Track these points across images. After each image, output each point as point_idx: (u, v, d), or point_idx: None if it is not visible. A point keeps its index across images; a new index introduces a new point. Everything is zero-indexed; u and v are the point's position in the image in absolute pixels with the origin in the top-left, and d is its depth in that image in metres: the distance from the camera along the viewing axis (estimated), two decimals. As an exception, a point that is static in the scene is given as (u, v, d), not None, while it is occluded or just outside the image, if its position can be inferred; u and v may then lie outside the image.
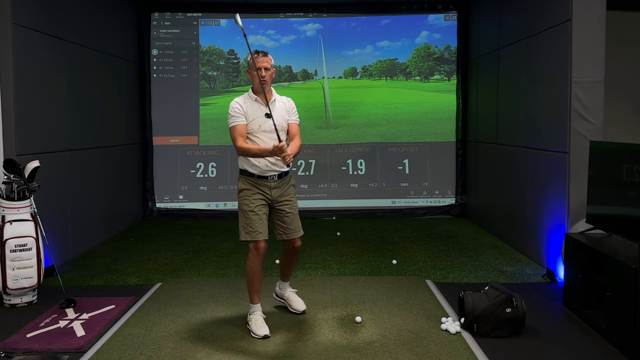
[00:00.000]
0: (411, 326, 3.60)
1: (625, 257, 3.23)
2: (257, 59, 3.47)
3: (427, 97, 7.75)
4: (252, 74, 3.51)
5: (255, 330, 3.46)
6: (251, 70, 3.52)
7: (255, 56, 3.47)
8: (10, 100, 4.43)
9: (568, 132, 4.42)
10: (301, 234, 3.68)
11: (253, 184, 3.51)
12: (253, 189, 3.50)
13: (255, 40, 7.65)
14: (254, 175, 3.51)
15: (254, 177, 3.51)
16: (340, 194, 7.66)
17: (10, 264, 3.99)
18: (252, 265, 3.50)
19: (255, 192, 3.50)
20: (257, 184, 3.51)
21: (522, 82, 5.41)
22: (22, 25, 4.58)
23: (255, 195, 3.50)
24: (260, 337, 3.41)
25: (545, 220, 4.87)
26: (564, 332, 3.54)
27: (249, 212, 3.46)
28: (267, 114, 3.49)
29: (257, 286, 3.56)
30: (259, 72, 3.44)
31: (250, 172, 3.51)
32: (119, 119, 6.73)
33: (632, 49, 5.35)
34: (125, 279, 4.76)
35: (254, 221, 3.45)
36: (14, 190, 4.10)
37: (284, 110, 3.62)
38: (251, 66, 3.50)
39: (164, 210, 7.51)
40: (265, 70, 3.47)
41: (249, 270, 3.51)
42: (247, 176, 3.53)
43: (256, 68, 3.44)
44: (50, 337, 3.47)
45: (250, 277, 3.52)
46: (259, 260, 3.49)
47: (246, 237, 3.47)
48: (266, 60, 3.48)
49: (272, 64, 3.54)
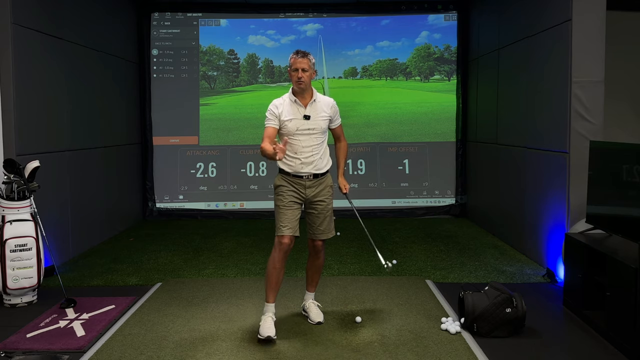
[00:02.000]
0: (411, 326, 3.60)
1: (625, 257, 3.23)
2: (294, 60, 3.44)
3: (427, 97, 7.75)
4: (291, 74, 3.49)
5: (259, 331, 3.40)
6: (290, 71, 3.50)
7: (293, 56, 3.45)
8: (10, 100, 4.43)
9: (568, 132, 4.42)
10: (328, 236, 3.64)
11: (289, 181, 3.52)
12: (288, 186, 3.51)
13: (255, 40, 7.65)
14: (289, 173, 3.52)
15: (290, 176, 3.52)
16: (341, 194, 7.63)
17: (10, 264, 3.99)
18: (272, 261, 3.45)
19: (290, 190, 3.51)
20: (293, 182, 3.52)
21: (522, 82, 5.41)
22: (22, 25, 4.58)
23: (289, 192, 3.50)
24: (263, 337, 3.35)
25: (545, 220, 4.86)
26: (564, 332, 3.54)
27: (281, 207, 3.47)
28: (305, 116, 3.48)
29: (274, 284, 3.47)
30: (296, 73, 3.42)
31: (286, 171, 3.52)
32: (119, 119, 6.73)
33: (632, 49, 5.35)
34: (125, 279, 4.76)
35: (284, 216, 3.45)
36: (14, 190, 4.10)
37: (324, 112, 3.56)
38: (289, 65, 3.50)
39: (164, 210, 7.51)
40: (302, 71, 3.42)
41: (269, 265, 3.47)
42: (283, 174, 3.54)
43: (293, 69, 3.44)
44: (50, 337, 3.47)
45: (269, 272, 3.47)
46: (279, 257, 3.43)
47: (276, 231, 3.46)
48: (304, 62, 3.42)
49: (310, 64, 3.45)
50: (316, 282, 3.81)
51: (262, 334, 3.37)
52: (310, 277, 3.79)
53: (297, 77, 3.42)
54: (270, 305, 3.50)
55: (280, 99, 3.54)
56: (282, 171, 3.55)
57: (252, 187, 7.48)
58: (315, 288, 3.83)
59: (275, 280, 3.47)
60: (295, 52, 3.48)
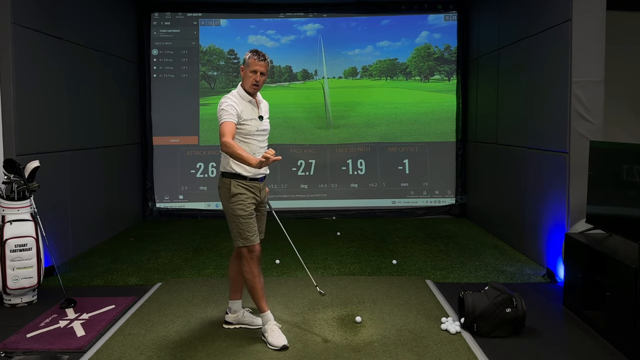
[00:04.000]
0: (411, 326, 3.60)
1: (625, 257, 3.23)
2: (254, 61, 3.31)
3: (427, 97, 7.75)
4: (247, 74, 3.33)
5: (272, 341, 3.29)
6: (246, 70, 3.33)
7: (253, 57, 3.31)
8: (10, 100, 4.43)
9: (568, 132, 4.42)
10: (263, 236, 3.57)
11: (246, 187, 3.33)
12: (247, 193, 3.33)
13: (255, 40, 7.65)
14: (247, 177, 3.33)
15: (246, 180, 3.34)
16: (341, 194, 7.66)
17: (10, 264, 3.99)
18: (250, 271, 3.34)
19: (249, 196, 3.34)
20: (250, 186, 3.34)
21: (522, 82, 5.41)
22: (22, 25, 4.58)
23: (249, 199, 3.34)
24: (278, 348, 3.25)
25: (545, 220, 4.86)
26: (564, 332, 3.54)
27: (246, 217, 3.31)
28: (260, 116, 3.41)
29: (261, 292, 3.38)
30: (255, 76, 3.31)
31: (244, 175, 3.32)
32: (119, 119, 6.73)
33: (632, 49, 5.35)
34: (125, 279, 4.76)
35: (251, 225, 3.33)
36: (14, 190, 4.10)
37: (267, 112, 3.52)
38: (248, 65, 3.32)
39: (164, 210, 7.51)
40: (260, 74, 3.31)
41: (249, 276, 3.35)
42: (239, 179, 3.32)
43: (252, 70, 3.31)
44: (50, 337, 3.47)
45: (253, 282, 3.35)
46: (255, 264, 3.37)
47: (244, 242, 3.32)
48: (263, 65, 3.31)
49: (268, 68, 3.37)
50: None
51: (276, 344, 3.28)
52: (240, 282, 3.60)
53: (255, 79, 3.30)
54: (268, 313, 3.40)
55: (235, 98, 3.32)
56: (238, 176, 3.32)
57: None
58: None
59: (261, 287, 3.40)
60: (255, 53, 3.31)
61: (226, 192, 3.34)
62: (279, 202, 7.52)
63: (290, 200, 7.62)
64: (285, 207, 7.49)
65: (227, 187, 3.33)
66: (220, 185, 3.40)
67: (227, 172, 3.35)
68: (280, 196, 7.57)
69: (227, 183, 3.34)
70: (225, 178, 3.35)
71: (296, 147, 7.67)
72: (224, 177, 3.37)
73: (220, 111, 3.27)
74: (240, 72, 3.33)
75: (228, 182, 3.34)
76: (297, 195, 7.65)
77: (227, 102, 3.28)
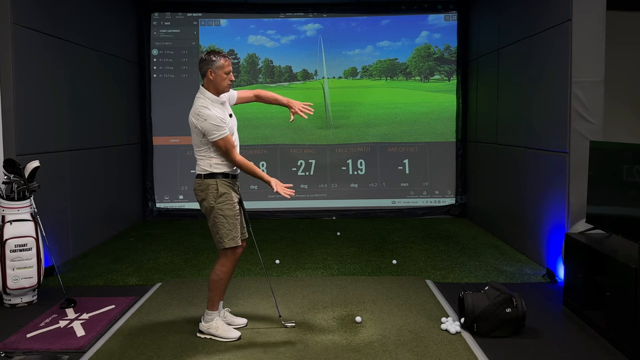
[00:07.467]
0: (411, 326, 3.60)
1: (625, 257, 3.23)
2: (227, 62, 3.30)
3: (427, 97, 7.75)
4: (222, 77, 3.28)
5: (225, 335, 3.39)
6: (219, 72, 3.27)
7: (224, 60, 3.29)
8: (10, 100, 4.43)
9: (568, 132, 4.42)
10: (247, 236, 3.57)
11: (230, 185, 3.34)
12: (231, 192, 3.33)
13: (255, 40, 7.64)
14: (229, 175, 3.33)
15: (229, 177, 3.34)
16: (340, 194, 7.66)
17: (10, 264, 3.99)
18: (228, 270, 3.37)
19: (234, 195, 3.35)
20: (232, 184, 3.36)
21: (522, 82, 5.41)
22: (22, 25, 4.58)
23: (235, 199, 3.35)
24: (235, 339, 3.38)
25: (545, 220, 4.86)
26: (564, 332, 3.54)
27: (234, 217, 3.32)
28: (230, 114, 3.42)
29: (224, 291, 3.47)
30: (230, 76, 3.32)
31: (226, 173, 3.32)
32: (119, 119, 6.73)
33: (632, 49, 5.35)
34: (125, 279, 4.76)
35: (237, 225, 3.35)
36: (14, 190, 4.10)
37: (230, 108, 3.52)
38: (220, 67, 3.27)
39: (164, 210, 7.51)
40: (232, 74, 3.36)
41: (223, 276, 3.36)
42: (224, 178, 3.31)
43: (226, 71, 3.29)
44: (50, 337, 3.47)
45: (223, 283, 3.39)
46: (234, 265, 3.42)
47: (231, 243, 3.31)
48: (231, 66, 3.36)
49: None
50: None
51: (231, 336, 3.39)
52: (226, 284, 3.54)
53: (230, 79, 3.32)
54: (216, 311, 3.45)
55: (211, 106, 3.27)
56: (222, 175, 3.31)
57: (252, 187, 7.47)
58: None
59: (226, 286, 3.46)
60: (223, 55, 3.30)
61: (213, 193, 3.29)
62: (279, 202, 7.53)
63: (290, 200, 7.61)
64: (285, 207, 7.50)
65: (213, 187, 3.29)
66: (202, 187, 3.32)
67: (211, 172, 3.30)
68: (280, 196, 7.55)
69: (213, 184, 3.29)
70: (209, 179, 3.30)
71: (296, 147, 7.67)
72: (206, 178, 3.31)
73: (214, 129, 3.21)
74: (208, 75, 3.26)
75: (214, 182, 3.29)
76: (297, 195, 7.64)
77: (211, 114, 3.23)
